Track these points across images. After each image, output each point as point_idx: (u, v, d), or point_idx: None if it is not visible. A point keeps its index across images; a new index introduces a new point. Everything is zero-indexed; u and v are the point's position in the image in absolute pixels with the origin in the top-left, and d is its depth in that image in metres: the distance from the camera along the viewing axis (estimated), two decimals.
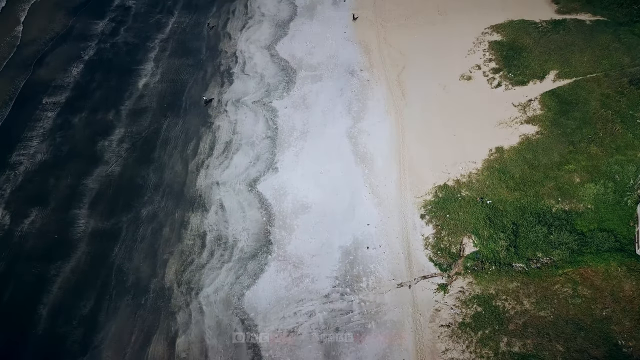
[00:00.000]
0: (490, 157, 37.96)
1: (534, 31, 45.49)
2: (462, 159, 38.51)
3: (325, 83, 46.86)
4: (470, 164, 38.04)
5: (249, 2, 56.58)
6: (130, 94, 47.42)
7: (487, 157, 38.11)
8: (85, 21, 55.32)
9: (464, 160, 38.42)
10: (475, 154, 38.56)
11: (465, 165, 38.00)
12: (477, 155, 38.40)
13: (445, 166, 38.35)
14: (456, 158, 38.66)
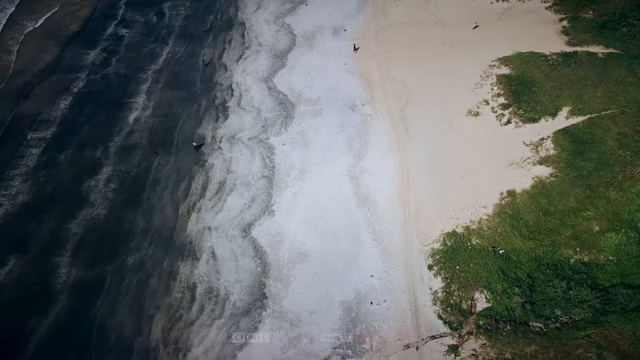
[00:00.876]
0: (502, 202, 36.55)
1: (544, 64, 44.75)
2: (472, 203, 37.11)
3: (325, 118, 45.95)
4: (480, 208, 36.63)
5: (246, 32, 56.31)
6: (119, 129, 46.50)
7: (498, 202, 36.71)
8: (77, 51, 55.04)
9: (473, 204, 37.01)
10: (486, 197, 37.18)
11: (475, 210, 36.58)
12: (488, 199, 37.02)
13: (453, 211, 36.92)
14: (465, 202, 37.25)
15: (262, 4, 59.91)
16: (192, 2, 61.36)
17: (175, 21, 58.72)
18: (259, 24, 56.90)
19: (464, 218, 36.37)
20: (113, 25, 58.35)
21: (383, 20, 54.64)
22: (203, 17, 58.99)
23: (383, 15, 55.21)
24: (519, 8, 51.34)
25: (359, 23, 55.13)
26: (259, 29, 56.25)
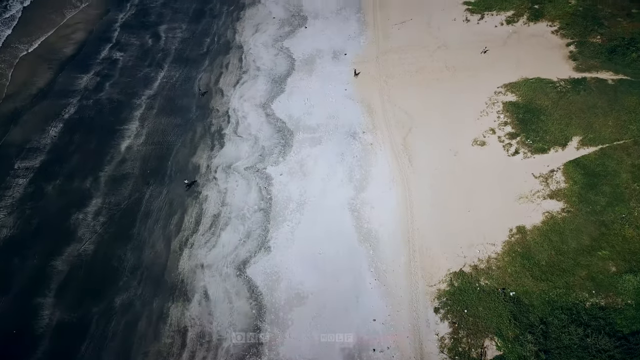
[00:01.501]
0: (511, 239, 35.31)
1: (552, 91, 44.04)
2: (479, 240, 35.88)
3: (324, 146, 45.07)
4: (488, 246, 35.37)
5: (243, 55, 55.90)
6: (111, 158, 45.60)
7: (507, 239, 35.48)
8: (70, 75, 54.57)
9: (481, 241, 35.80)
10: (494, 234, 35.96)
11: (483, 247, 35.32)
12: (496, 236, 35.80)
13: (460, 248, 35.65)
14: (472, 239, 36.03)
15: (261, 26, 59.66)
16: (188, 25, 61.13)
17: (171, 44, 58.39)
18: (257, 48, 56.50)
19: (471, 256, 35.07)
20: (107, 49, 58.00)
21: (384, 43, 54.23)
22: (200, 40, 58.66)
23: (384, 39, 54.82)
24: (525, 32, 50.90)
25: (360, 47, 54.72)
26: (257, 53, 55.81)
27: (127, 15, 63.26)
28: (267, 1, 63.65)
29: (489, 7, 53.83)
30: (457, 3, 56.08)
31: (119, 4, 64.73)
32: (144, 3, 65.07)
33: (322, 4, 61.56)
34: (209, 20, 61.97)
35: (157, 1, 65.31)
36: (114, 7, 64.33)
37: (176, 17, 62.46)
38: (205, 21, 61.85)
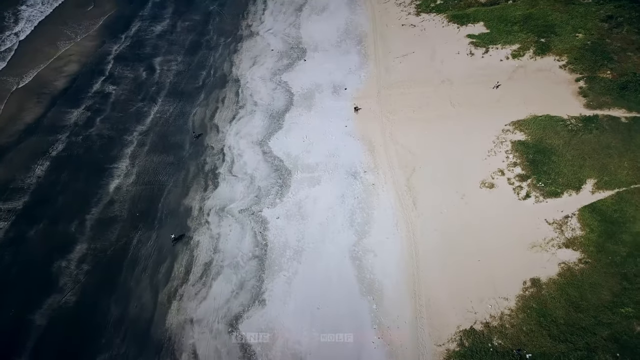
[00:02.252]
0: (525, 293, 33.47)
1: (562, 130, 42.97)
2: (491, 293, 34.05)
3: (324, 187, 43.72)
4: (501, 300, 33.50)
5: (240, 89, 55.35)
6: (98, 200, 44.28)
7: (521, 293, 33.65)
8: (60, 110, 54.04)
9: (493, 295, 33.94)
10: (507, 287, 34.18)
11: (495, 302, 33.44)
12: (509, 290, 34.00)
13: (470, 303, 33.77)
14: (483, 292, 34.21)
15: (259, 59, 59.38)
16: (184, 57, 60.93)
17: (165, 77, 57.98)
18: (255, 81, 56.02)
19: (482, 312, 33.15)
20: (100, 82, 57.65)
21: (386, 77, 53.66)
22: (195, 73, 58.31)
23: (386, 72, 54.30)
24: (531, 66, 50.30)
25: (360, 81, 54.15)
26: (254, 87, 55.29)
27: (122, 47, 63.21)
28: (265, 33, 63.63)
29: (494, 41, 53.47)
30: (461, 36, 55.78)
31: (114, 36, 64.88)
32: (139, 35, 65.15)
33: (321, 36, 61.45)
34: (205, 53, 61.79)
35: (153, 33, 65.35)
36: (109, 38, 64.46)
37: (172, 49, 62.37)
38: (202, 53, 61.68)
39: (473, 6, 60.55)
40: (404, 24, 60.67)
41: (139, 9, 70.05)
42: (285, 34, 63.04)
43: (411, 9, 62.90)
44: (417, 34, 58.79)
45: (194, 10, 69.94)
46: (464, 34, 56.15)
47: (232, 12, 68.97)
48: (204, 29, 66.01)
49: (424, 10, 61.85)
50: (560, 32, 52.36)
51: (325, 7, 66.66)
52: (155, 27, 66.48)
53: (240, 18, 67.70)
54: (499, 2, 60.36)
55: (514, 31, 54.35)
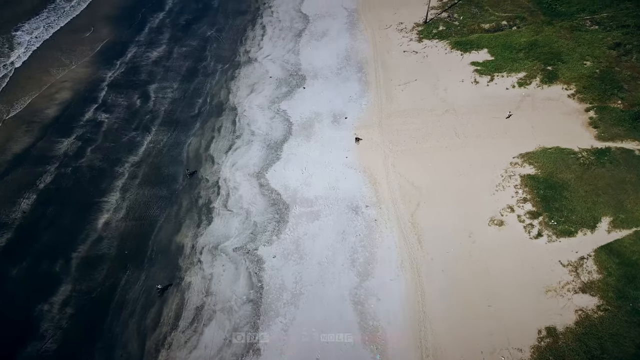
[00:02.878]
0: (541, 344, 31.56)
1: (574, 163, 41.63)
2: (504, 344, 32.18)
3: (323, 223, 42.17)
4: (515, 352, 31.59)
5: (237, 118, 54.34)
6: (86, 236, 42.70)
7: (536, 343, 31.76)
8: (50, 139, 52.88)
9: (506, 345, 32.07)
10: (520, 336, 32.32)
11: (509, 354, 31.54)
12: (523, 339, 32.13)
13: (481, 354, 31.89)
14: (495, 342, 32.32)
15: (257, 86, 58.62)
16: (180, 84, 60.20)
17: (160, 105, 57.08)
18: (252, 110, 55.09)
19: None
20: (92, 110, 56.76)
21: (387, 106, 52.70)
22: (191, 101, 57.41)
23: (387, 101, 53.36)
24: (539, 95, 49.34)
25: (361, 110, 53.19)
26: (252, 116, 54.30)
27: (116, 73, 62.62)
28: (264, 59, 63.10)
29: (499, 69, 52.69)
30: (465, 64, 55.07)
31: (109, 62, 64.34)
32: (135, 61, 64.65)
33: (321, 63, 60.85)
34: (202, 79, 61.12)
35: (149, 59, 64.86)
36: (104, 65, 63.90)
37: (167, 76, 61.73)
38: (198, 80, 61.00)
39: (476, 32, 60.11)
40: (405, 51, 60.13)
41: (135, 35, 69.76)
42: (284, 60, 62.47)
43: (413, 35, 62.47)
44: (419, 61, 58.15)
45: (191, 35, 69.66)
46: (467, 61, 55.44)
47: (230, 38, 68.64)
48: (201, 55, 65.49)
49: (426, 36, 61.38)
50: (567, 60, 51.62)
51: (325, 33, 66.35)
52: (151, 53, 65.98)
53: (239, 44, 67.30)
54: (503, 28, 59.95)
55: (520, 58, 53.63)
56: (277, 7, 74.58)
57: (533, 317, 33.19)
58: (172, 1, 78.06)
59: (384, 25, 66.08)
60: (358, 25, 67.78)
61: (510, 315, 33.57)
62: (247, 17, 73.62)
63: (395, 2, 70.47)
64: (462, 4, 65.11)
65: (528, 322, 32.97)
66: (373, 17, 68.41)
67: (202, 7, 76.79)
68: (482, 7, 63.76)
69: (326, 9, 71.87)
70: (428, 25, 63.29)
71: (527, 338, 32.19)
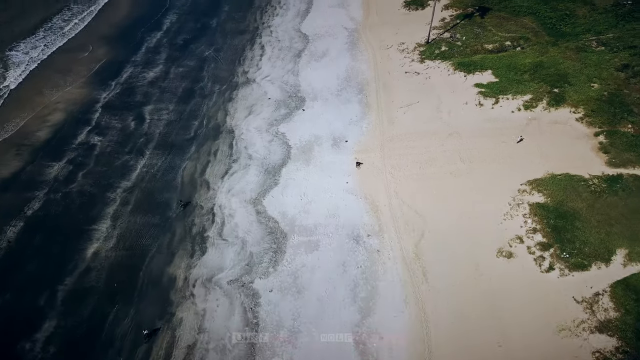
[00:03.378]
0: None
1: (585, 191, 40.25)
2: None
3: (323, 254, 40.62)
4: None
5: (234, 141, 53.22)
6: (73, 267, 41.21)
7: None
8: (40, 163, 51.74)
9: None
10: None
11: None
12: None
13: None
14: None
15: (255, 108, 57.70)
16: (176, 106, 59.32)
17: (155, 128, 56.06)
18: (250, 133, 54.00)
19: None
20: (85, 132, 55.76)
21: (389, 129, 51.62)
22: (187, 124, 56.47)
23: (389, 124, 52.31)
24: (545, 119, 48.26)
25: (362, 132, 52.08)
26: (249, 139, 53.19)
27: (111, 94, 61.87)
28: (262, 80, 62.38)
29: (504, 91, 51.75)
30: (468, 85, 54.20)
31: (104, 83, 63.74)
32: (130, 81, 63.98)
33: (321, 84, 60.06)
34: (198, 101, 60.26)
35: (145, 79, 64.19)
36: (99, 85, 63.26)
37: (163, 97, 60.92)
38: (195, 102, 60.16)
39: (479, 53, 59.46)
40: (407, 72, 59.37)
41: (132, 54, 69.29)
42: (283, 81, 61.71)
43: (414, 55, 61.82)
44: (422, 82, 57.32)
45: (188, 55, 69.15)
46: (471, 82, 54.58)
47: (228, 58, 68.10)
48: (198, 75, 64.84)
49: (428, 57, 60.70)
50: (574, 82, 50.70)
51: (325, 53, 65.77)
52: (147, 74, 65.38)
53: (237, 64, 66.73)
54: (507, 49, 59.28)
55: (525, 80, 52.74)
56: (277, 27, 74.28)
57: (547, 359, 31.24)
58: (170, 21, 77.72)
59: (385, 45, 65.54)
60: (358, 45, 67.26)
61: (522, 356, 31.88)
62: (245, 36, 73.22)
63: (396, 22, 70.11)
64: (465, 24, 64.61)
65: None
66: (374, 37, 67.94)
67: (200, 27, 76.51)
68: (484, 27, 63.18)
69: (326, 28, 71.50)
70: (430, 45, 62.66)
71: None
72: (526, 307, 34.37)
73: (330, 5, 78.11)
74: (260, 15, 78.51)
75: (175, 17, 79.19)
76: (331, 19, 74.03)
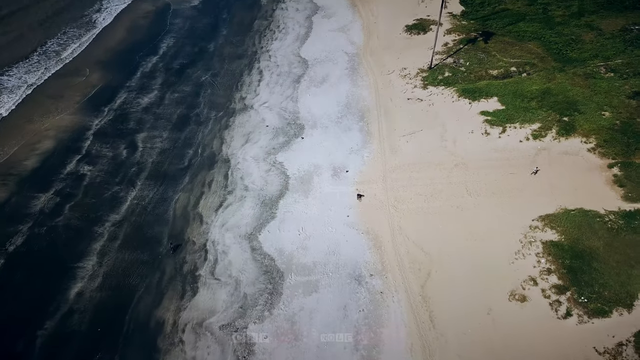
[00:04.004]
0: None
1: (601, 228, 38.19)
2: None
3: (322, 295, 38.43)
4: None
5: (230, 171, 51.46)
6: (55, 309, 38.97)
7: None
8: (26, 194, 49.76)
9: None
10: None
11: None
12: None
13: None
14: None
15: (252, 136, 56.16)
16: (170, 133, 57.81)
17: (148, 156, 54.36)
18: (247, 162, 52.30)
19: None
20: (75, 161, 54.02)
21: (392, 159, 49.89)
22: (181, 152, 54.82)
23: (391, 153, 50.60)
24: (555, 149, 46.56)
25: (363, 162, 50.34)
26: (245, 168, 51.44)
27: (104, 121, 60.48)
28: (260, 107, 61.08)
29: (511, 119, 50.22)
30: (474, 113, 52.73)
31: (97, 109, 62.37)
32: (124, 107, 62.72)
33: (321, 111, 58.72)
34: (193, 128, 58.80)
35: (139, 106, 62.93)
36: (91, 112, 61.90)
37: (157, 124, 59.47)
38: (190, 129, 58.68)
39: (484, 79, 58.23)
40: (409, 98, 58.08)
41: (126, 79, 68.13)
42: (281, 108, 60.37)
43: (417, 81, 60.64)
44: (425, 109, 55.93)
45: (184, 80, 68.13)
46: (476, 110, 53.10)
47: (226, 83, 67.06)
48: (194, 101, 63.57)
49: (431, 83, 59.49)
50: (584, 110, 49.21)
51: (325, 79, 64.67)
52: (141, 99, 64.17)
53: (234, 89, 65.59)
54: (512, 75, 58.10)
55: (532, 108, 51.29)
56: (275, 51, 73.51)
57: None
58: (167, 45, 77.00)
59: (386, 71, 64.50)
60: (359, 70, 66.24)
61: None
62: (243, 61, 72.40)
63: (397, 47, 69.32)
64: (468, 49, 63.67)
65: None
66: (375, 62, 66.99)
67: (197, 51, 75.83)
68: (488, 53, 62.19)
69: (326, 53, 70.68)
70: (433, 70, 61.56)
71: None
72: (543, 358, 31.80)
73: (330, 29, 77.58)
74: (258, 39, 77.90)
75: (172, 40, 78.54)
76: (331, 43, 73.35)
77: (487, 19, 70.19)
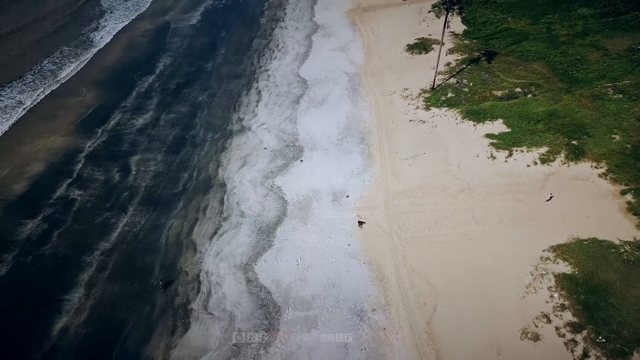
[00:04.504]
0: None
1: (616, 260, 36.33)
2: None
3: (322, 332, 36.56)
4: None
5: (226, 196, 49.75)
6: (37, 347, 37.36)
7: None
8: (13, 221, 48.09)
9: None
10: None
11: None
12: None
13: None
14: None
15: (249, 159, 54.64)
16: (165, 156, 56.34)
17: (141, 180, 52.79)
18: (243, 186, 50.64)
19: None
20: (65, 185, 52.56)
21: (394, 184, 48.20)
22: (176, 176, 53.25)
23: (394, 177, 48.96)
24: (565, 174, 44.92)
25: (364, 187, 48.66)
26: (242, 193, 49.76)
27: (97, 143, 59.16)
28: (258, 128, 59.70)
29: (517, 142, 48.72)
30: (478, 135, 51.27)
31: (90, 130, 61.15)
32: (118, 129, 61.44)
33: (320, 133, 57.29)
34: (189, 150, 57.34)
35: (133, 127, 61.64)
36: (84, 133, 60.59)
37: (152, 146, 58.05)
38: (185, 151, 57.23)
39: (488, 100, 56.96)
40: (412, 120, 56.73)
41: (121, 99, 66.99)
42: (280, 129, 59.01)
43: (419, 102, 59.36)
44: (428, 131, 54.49)
45: (181, 100, 66.95)
46: (481, 133, 51.67)
47: (223, 104, 65.87)
48: (190, 122, 62.28)
49: (433, 104, 58.20)
50: (593, 133, 47.75)
51: (325, 100, 63.45)
52: (136, 120, 62.94)
53: (232, 110, 64.39)
54: (517, 96, 56.82)
55: (539, 131, 49.83)
56: (274, 71, 72.56)
57: None
58: (164, 64, 76.16)
59: (387, 91, 63.33)
60: (359, 90, 65.08)
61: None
62: (242, 80, 71.40)
63: (399, 66, 68.30)
64: (471, 69, 62.61)
65: None
66: (375, 82, 65.87)
67: (195, 70, 74.95)
68: (492, 73, 61.09)
69: (326, 73, 69.65)
70: (436, 91, 60.37)
71: None
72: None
73: (330, 48, 76.76)
74: (257, 59, 77.07)
75: (170, 59, 77.77)
76: (331, 62, 72.41)
77: (490, 38, 69.34)
